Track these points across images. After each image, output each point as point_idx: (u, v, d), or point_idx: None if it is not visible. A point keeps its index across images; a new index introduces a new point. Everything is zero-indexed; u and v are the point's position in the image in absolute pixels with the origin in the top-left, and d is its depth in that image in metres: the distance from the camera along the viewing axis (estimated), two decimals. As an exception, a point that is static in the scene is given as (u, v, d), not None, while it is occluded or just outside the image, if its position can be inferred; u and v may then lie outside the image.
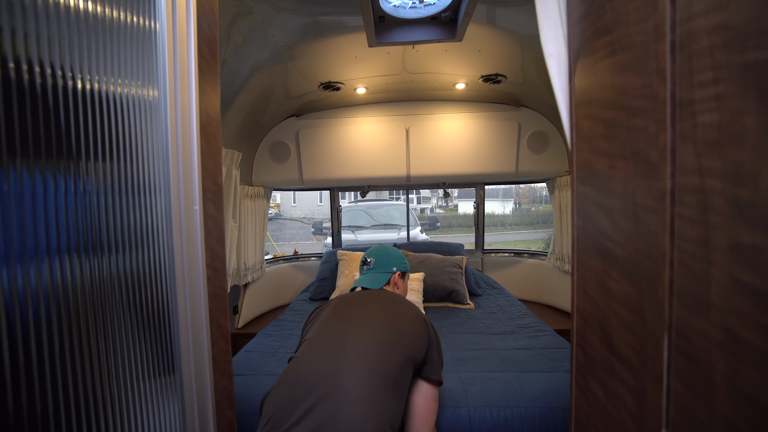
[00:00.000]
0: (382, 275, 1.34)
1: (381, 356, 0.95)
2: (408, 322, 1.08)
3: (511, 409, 1.24)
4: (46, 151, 0.47)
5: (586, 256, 0.72)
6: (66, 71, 0.49)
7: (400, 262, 1.39)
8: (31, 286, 0.44)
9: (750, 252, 0.38)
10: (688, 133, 0.45)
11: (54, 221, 0.48)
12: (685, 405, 0.48)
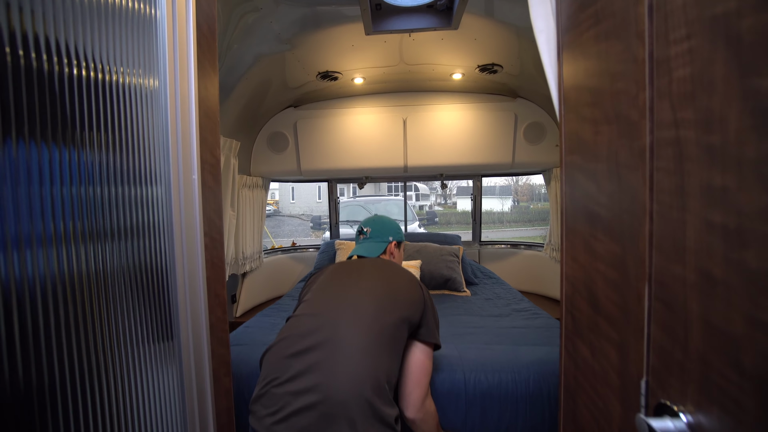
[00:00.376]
0: (378, 244, 1.34)
1: (377, 315, 0.97)
2: (403, 287, 1.09)
3: (505, 374, 1.26)
4: (52, 124, 0.49)
5: (574, 222, 0.75)
6: (71, 48, 0.51)
7: (396, 231, 1.40)
8: (37, 257, 0.46)
9: (720, 192, 0.40)
10: (664, 89, 0.48)
11: (59, 189, 0.50)
12: (664, 351, 0.51)
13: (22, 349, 0.44)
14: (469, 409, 1.22)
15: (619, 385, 0.62)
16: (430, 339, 1.07)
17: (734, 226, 0.39)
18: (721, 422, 0.42)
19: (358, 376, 0.85)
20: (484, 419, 1.21)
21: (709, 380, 0.43)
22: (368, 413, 0.82)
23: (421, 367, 1.04)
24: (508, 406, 1.22)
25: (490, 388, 1.23)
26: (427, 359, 1.05)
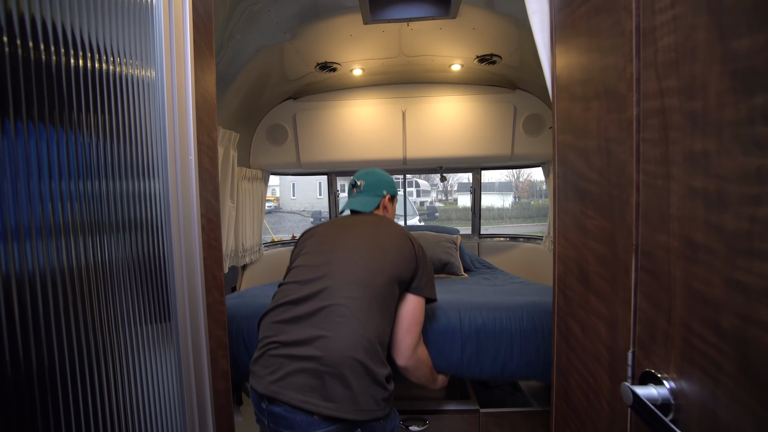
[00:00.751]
0: (372, 198, 1.30)
1: (368, 276, 0.98)
2: (394, 245, 1.08)
3: (499, 312, 1.29)
4: (49, 103, 0.50)
5: (566, 201, 0.75)
6: (57, 28, 0.52)
7: (390, 185, 1.36)
8: (36, 241, 0.47)
9: (701, 157, 0.41)
10: (650, 60, 0.48)
11: (56, 171, 0.51)
12: (649, 320, 0.52)
13: (22, 333, 0.45)
14: (464, 345, 1.24)
15: (608, 360, 0.63)
16: (423, 293, 1.07)
17: (714, 190, 0.39)
18: (701, 385, 0.43)
19: (349, 340, 0.87)
20: (479, 355, 1.23)
21: (690, 345, 0.44)
22: (361, 373, 0.86)
23: (412, 316, 1.04)
24: (503, 342, 1.23)
25: (485, 325, 1.25)
26: (418, 309, 1.05)
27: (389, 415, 0.95)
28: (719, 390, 0.40)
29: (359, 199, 1.31)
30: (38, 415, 0.47)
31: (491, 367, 1.23)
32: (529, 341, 1.24)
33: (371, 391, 0.87)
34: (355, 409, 0.84)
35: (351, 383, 0.84)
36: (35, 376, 0.47)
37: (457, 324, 1.27)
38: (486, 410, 1.40)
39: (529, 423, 1.41)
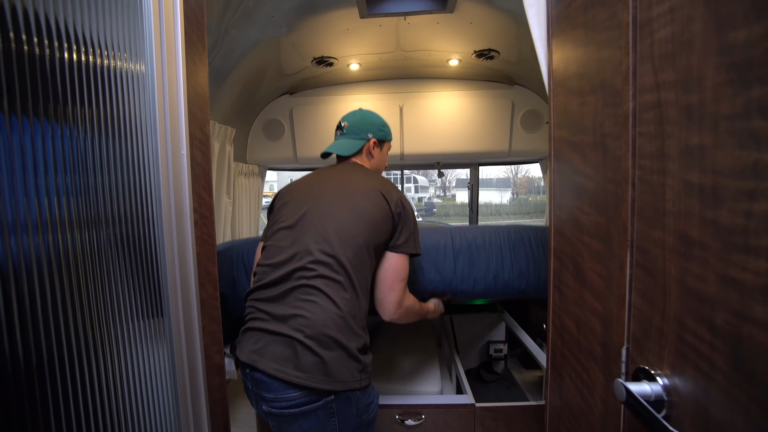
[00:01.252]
0: (354, 141, 1.17)
1: (336, 248, 0.93)
2: (365, 210, 0.98)
3: (488, 230, 1.33)
4: (33, 96, 0.49)
5: (561, 198, 0.75)
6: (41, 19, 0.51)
7: (378, 128, 1.20)
8: (30, 236, 0.46)
9: (697, 151, 0.40)
10: (646, 52, 0.47)
11: (41, 166, 0.50)
12: (644, 317, 0.51)
13: (8, 330, 0.44)
14: (457, 258, 1.28)
15: (602, 356, 0.62)
16: (402, 251, 1.01)
17: (710, 185, 0.39)
18: (694, 382, 0.42)
19: (320, 318, 0.88)
20: (472, 267, 1.27)
21: (684, 342, 0.44)
22: (332, 346, 0.87)
23: (394, 273, 1.00)
24: (493, 253, 1.28)
25: (474, 239, 1.31)
26: (400, 266, 1.00)
27: (366, 389, 0.94)
28: (712, 387, 0.40)
29: (341, 142, 1.18)
30: (29, 412, 0.47)
31: (484, 278, 1.27)
32: (518, 251, 1.28)
33: (344, 362, 0.87)
34: (326, 380, 0.86)
35: (323, 355, 0.86)
36: (26, 373, 0.47)
37: (449, 241, 1.31)
38: (481, 405, 1.40)
39: (524, 417, 1.42)
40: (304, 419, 0.87)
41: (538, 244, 1.29)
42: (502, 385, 2.12)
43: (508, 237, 1.30)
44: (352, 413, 0.90)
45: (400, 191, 1.09)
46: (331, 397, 0.87)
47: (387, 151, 1.25)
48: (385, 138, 1.23)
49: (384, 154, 1.25)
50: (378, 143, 1.20)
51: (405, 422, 1.38)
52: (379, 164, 1.24)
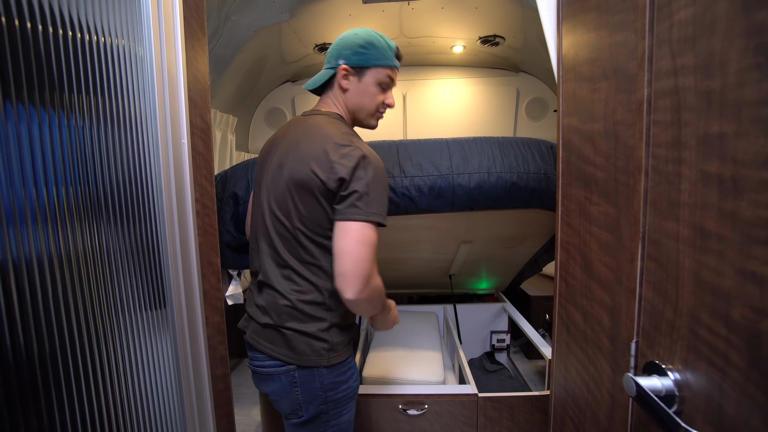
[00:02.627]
0: (321, 73, 0.92)
1: (276, 224, 0.86)
2: (304, 175, 0.80)
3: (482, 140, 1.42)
4: (39, 86, 0.47)
5: (569, 187, 0.73)
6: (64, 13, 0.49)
7: (354, 50, 0.88)
8: (30, 228, 0.45)
9: (716, 141, 0.38)
10: (664, 36, 0.45)
11: (39, 157, 0.48)
12: (655, 310, 0.50)
13: (9, 322, 0.44)
14: (452, 155, 1.37)
15: (610, 349, 0.62)
16: (354, 217, 0.77)
17: (730, 175, 0.37)
18: (708, 377, 0.41)
19: (270, 308, 0.88)
20: (466, 161, 1.36)
21: (697, 337, 0.43)
22: (291, 324, 0.86)
23: (350, 252, 0.78)
24: (485, 150, 1.37)
25: (467, 142, 1.40)
26: (356, 244, 0.77)
27: (337, 368, 0.88)
28: (727, 383, 0.39)
29: (312, 79, 0.95)
30: (36, 401, 0.47)
31: (478, 171, 1.35)
32: (507, 149, 1.38)
33: (304, 340, 0.86)
34: (288, 353, 0.86)
35: (283, 332, 0.87)
36: (33, 364, 0.46)
37: (443, 142, 1.40)
38: (484, 395, 1.41)
39: (526, 407, 1.42)
40: (271, 381, 0.90)
41: (525, 144, 1.40)
42: (504, 374, 2.13)
43: (498, 141, 1.40)
44: (315, 387, 0.88)
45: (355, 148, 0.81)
46: (293, 367, 0.87)
47: (378, 82, 0.90)
48: (363, 63, 0.88)
49: (368, 86, 0.90)
50: (353, 70, 0.89)
51: (407, 412, 1.39)
52: (361, 100, 0.91)
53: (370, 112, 0.93)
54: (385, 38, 0.92)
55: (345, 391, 0.92)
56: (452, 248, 1.91)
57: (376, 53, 0.89)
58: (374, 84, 0.90)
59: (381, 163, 0.82)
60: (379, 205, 0.80)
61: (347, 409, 0.95)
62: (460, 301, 2.35)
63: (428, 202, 1.38)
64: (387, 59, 0.90)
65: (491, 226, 1.68)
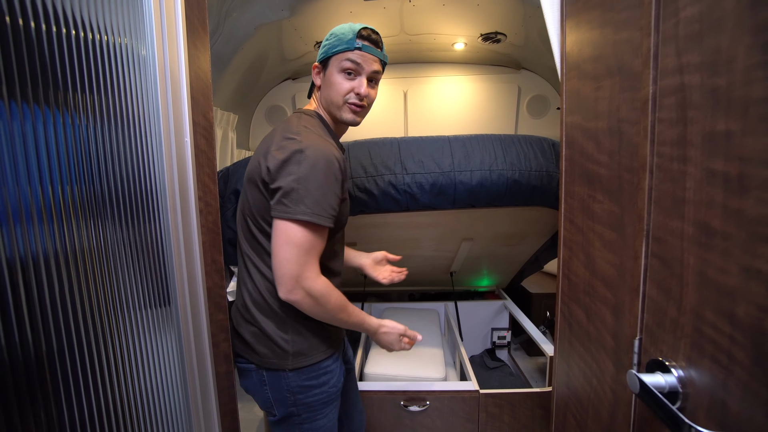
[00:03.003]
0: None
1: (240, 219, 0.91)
2: (253, 166, 0.83)
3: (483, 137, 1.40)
4: (43, 87, 0.47)
5: (572, 185, 0.73)
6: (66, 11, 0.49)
7: (322, 50, 0.87)
8: (36, 224, 0.45)
9: (723, 138, 0.38)
10: (670, 33, 0.45)
11: (44, 154, 0.48)
12: (658, 308, 0.50)
13: (17, 320, 0.44)
14: (453, 153, 1.37)
15: (613, 346, 0.62)
16: (282, 215, 0.75)
17: (736, 173, 0.37)
18: (711, 375, 0.41)
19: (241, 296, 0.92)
20: (468, 158, 1.36)
21: (701, 334, 0.43)
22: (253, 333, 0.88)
23: (280, 253, 0.77)
24: (487, 147, 1.37)
25: (469, 137, 1.40)
26: (280, 244, 0.76)
27: (303, 371, 0.85)
28: (731, 380, 0.39)
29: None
30: (41, 399, 0.47)
31: (480, 168, 1.35)
32: (509, 146, 1.38)
33: (264, 340, 0.87)
34: (253, 354, 0.88)
35: (242, 333, 0.90)
36: (38, 363, 0.46)
37: (445, 139, 1.40)
38: (486, 391, 1.42)
39: (527, 404, 1.43)
40: (243, 377, 0.92)
41: (527, 141, 1.40)
42: (505, 371, 2.14)
43: (500, 139, 1.40)
44: (282, 388, 0.87)
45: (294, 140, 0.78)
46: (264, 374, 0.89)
47: (341, 69, 0.84)
48: (325, 55, 0.85)
49: (331, 75, 0.85)
50: (320, 65, 0.87)
51: (409, 408, 1.40)
52: (329, 93, 0.86)
53: (337, 103, 0.86)
54: (353, 25, 0.86)
55: (317, 396, 0.87)
56: (453, 246, 1.92)
57: (335, 41, 0.84)
58: (337, 72, 0.84)
59: (326, 158, 0.76)
60: (313, 203, 0.75)
61: (323, 415, 0.90)
62: (461, 298, 2.36)
63: (430, 199, 1.38)
64: (345, 43, 0.83)
65: (492, 223, 1.68)
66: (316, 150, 0.76)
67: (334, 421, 0.93)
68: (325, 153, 0.76)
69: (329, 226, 0.78)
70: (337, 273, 0.95)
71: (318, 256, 0.80)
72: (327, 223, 0.77)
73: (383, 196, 1.37)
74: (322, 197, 0.75)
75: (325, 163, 0.76)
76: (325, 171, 0.76)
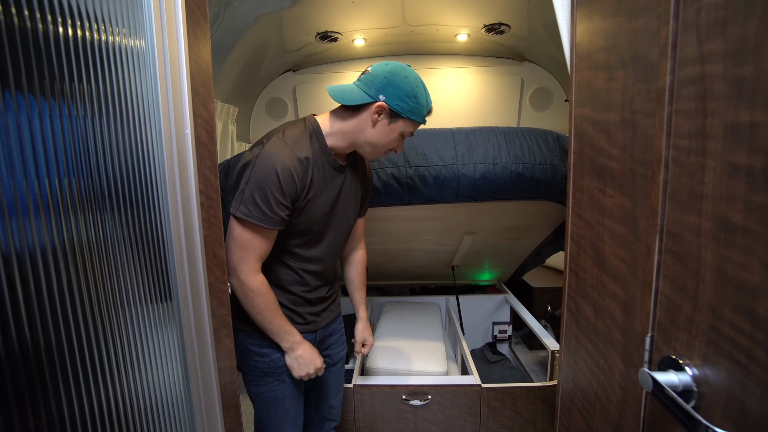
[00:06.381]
0: (355, 93, 0.90)
1: None
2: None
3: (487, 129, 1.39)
4: (38, 77, 0.45)
5: (581, 179, 0.72)
6: None
7: (400, 96, 0.87)
8: (33, 219, 0.44)
9: (746, 130, 0.37)
10: (691, 20, 0.43)
11: (40, 147, 0.47)
12: (672, 305, 0.49)
13: (26, 313, 0.43)
14: (457, 145, 1.36)
15: (622, 343, 0.61)
16: (231, 208, 0.89)
17: (760, 167, 0.36)
18: (729, 374, 0.40)
19: None
20: (471, 151, 1.35)
21: (718, 332, 0.42)
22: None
23: (227, 242, 0.91)
24: (491, 140, 1.36)
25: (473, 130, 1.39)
26: (230, 236, 0.91)
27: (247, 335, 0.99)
28: (750, 380, 0.38)
29: (344, 86, 0.93)
30: (42, 395, 0.46)
31: (483, 161, 1.34)
32: (513, 139, 1.36)
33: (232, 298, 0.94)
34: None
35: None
36: (37, 359, 0.45)
37: (448, 132, 1.38)
38: (488, 385, 1.41)
39: (529, 398, 1.43)
40: None
41: (531, 134, 1.38)
42: (506, 365, 2.14)
43: (503, 131, 1.38)
44: (237, 345, 0.95)
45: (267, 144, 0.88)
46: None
47: (404, 132, 0.93)
48: (401, 111, 0.89)
49: (394, 131, 0.92)
50: (389, 111, 0.89)
51: (411, 402, 1.40)
52: (379, 139, 0.92)
53: (380, 150, 0.95)
54: (426, 92, 0.94)
55: (257, 363, 0.99)
56: (455, 239, 1.91)
57: (416, 108, 0.90)
58: (399, 131, 0.93)
59: (273, 168, 0.84)
60: (252, 205, 0.85)
61: (263, 383, 1.01)
62: (462, 292, 2.35)
63: (432, 192, 1.37)
64: (421, 116, 0.93)
65: (495, 217, 1.66)
66: (269, 159, 0.85)
67: (278, 394, 1.02)
68: (275, 162, 0.85)
69: (268, 228, 0.87)
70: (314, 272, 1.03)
71: (256, 253, 0.90)
72: (264, 224, 0.86)
73: (386, 189, 1.36)
74: (262, 201, 0.85)
75: (270, 171, 0.84)
76: (268, 179, 0.84)
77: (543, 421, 1.44)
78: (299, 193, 0.90)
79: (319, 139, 0.94)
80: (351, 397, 1.41)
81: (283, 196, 0.86)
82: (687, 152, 0.45)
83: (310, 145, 0.92)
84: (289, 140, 0.90)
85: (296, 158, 0.88)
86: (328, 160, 0.95)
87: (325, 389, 1.19)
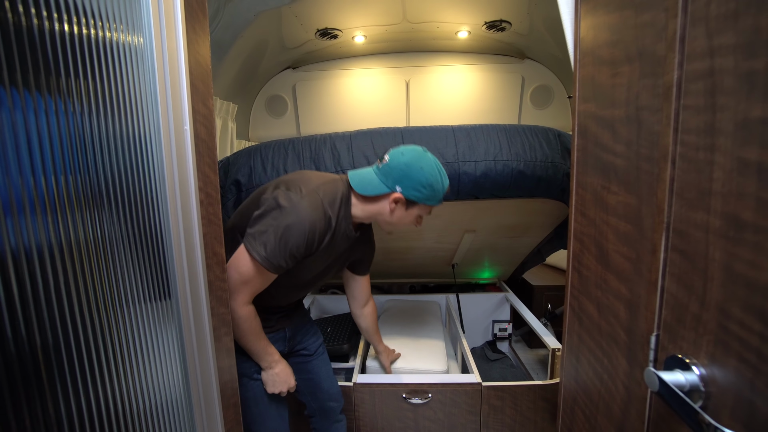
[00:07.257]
0: (374, 182, 0.95)
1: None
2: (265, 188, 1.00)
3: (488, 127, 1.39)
4: (35, 73, 0.44)
5: (585, 176, 0.71)
6: None
7: (415, 186, 0.93)
8: (29, 217, 0.43)
9: (758, 125, 0.36)
10: (700, 13, 0.43)
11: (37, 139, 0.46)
12: (678, 303, 0.48)
13: (23, 312, 0.42)
14: (458, 142, 1.35)
15: (626, 341, 0.60)
16: (248, 246, 0.90)
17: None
18: (738, 373, 0.40)
19: None
20: (472, 149, 1.34)
21: (727, 331, 0.41)
22: None
23: (230, 270, 0.92)
24: (492, 137, 1.35)
25: (473, 127, 1.39)
26: (233, 269, 0.92)
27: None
28: (760, 380, 0.37)
29: (363, 173, 0.99)
30: (40, 394, 0.45)
31: (484, 159, 1.33)
32: (514, 136, 1.35)
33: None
34: None
35: None
36: (37, 357, 0.45)
37: (449, 129, 1.37)
38: (488, 384, 1.41)
39: (529, 396, 1.43)
40: None
41: (532, 131, 1.38)
42: (506, 363, 2.14)
43: (504, 129, 1.37)
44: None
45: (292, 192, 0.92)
46: None
47: (420, 214, 1.01)
48: (416, 200, 0.95)
49: (411, 216, 0.99)
50: (404, 200, 0.95)
51: (411, 400, 1.39)
52: (398, 222, 1.00)
53: (398, 228, 1.03)
54: (443, 176, 0.97)
55: (239, 365, 0.99)
56: (456, 237, 1.90)
57: (432, 195, 0.95)
58: (416, 215, 1.00)
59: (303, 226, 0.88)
60: (271, 252, 0.88)
61: (242, 384, 1.03)
62: (462, 290, 2.35)
63: None
64: (437, 200, 0.98)
65: (495, 215, 1.66)
66: (302, 216, 0.88)
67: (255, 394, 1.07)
68: (306, 222, 0.88)
69: (273, 273, 0.92)
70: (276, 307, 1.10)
71: (253, 289, 0.93)
72: (272, 270, 0.91)
73: None
74: (280, 250, 0.88)
75: (299, 229, 0.88)
76: (296, 235, 0.88)
77: (543, 419, 1.44)
78: (311, 252, 0.93)
79: (346, 207, 0.97)
80: (351, 396, 1.40)
81: (299, 252, 0.90)
82: (695, 148, 0.44)
83: (338, 210, 0.95)
84: (326, 201, 0.93)
85: (324, 221, 0.91)
86: (345, 228, 0.98)
87: (315, 380, 1.23)
